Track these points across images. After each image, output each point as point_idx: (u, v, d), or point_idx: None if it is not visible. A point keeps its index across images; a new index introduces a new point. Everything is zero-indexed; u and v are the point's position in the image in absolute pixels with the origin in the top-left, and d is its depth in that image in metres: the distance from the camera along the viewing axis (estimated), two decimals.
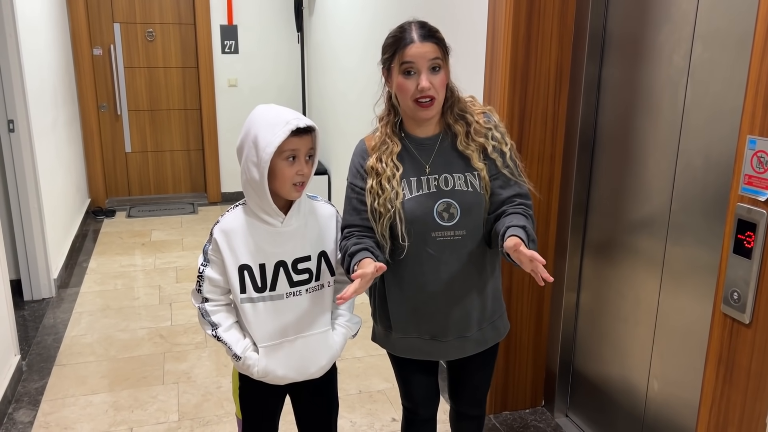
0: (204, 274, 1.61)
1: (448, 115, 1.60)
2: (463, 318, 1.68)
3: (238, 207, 1.63)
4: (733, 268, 1.41)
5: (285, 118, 1.49)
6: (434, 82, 1.51)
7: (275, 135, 1.47)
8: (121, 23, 5.67)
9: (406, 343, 1.74)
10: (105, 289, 4.02)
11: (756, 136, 1.34)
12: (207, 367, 3.04)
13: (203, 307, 1.63)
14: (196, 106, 6.02)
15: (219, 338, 1.62)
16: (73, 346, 3.25)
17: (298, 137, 1.50)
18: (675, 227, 1.98)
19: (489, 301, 1.71)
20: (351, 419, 2.65)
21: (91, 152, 5.69)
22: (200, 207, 5.95)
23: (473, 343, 1.72)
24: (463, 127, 1.60)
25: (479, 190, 1.60)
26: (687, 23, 1.86)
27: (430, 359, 1.77)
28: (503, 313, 1.80)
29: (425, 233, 1.60)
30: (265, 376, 1.64)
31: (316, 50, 5.59)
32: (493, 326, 1.75)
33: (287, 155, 1.50)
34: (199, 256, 1.64)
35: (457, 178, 1.60)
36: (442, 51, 1.53)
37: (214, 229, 1.60)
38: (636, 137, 2.11)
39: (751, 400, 1.40)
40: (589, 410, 2.51)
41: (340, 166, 5.07)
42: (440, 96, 1.55)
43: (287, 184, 1.53)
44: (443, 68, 1.54)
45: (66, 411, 2.68)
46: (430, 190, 1.60)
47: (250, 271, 1.59)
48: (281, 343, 1.63)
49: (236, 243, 1.58)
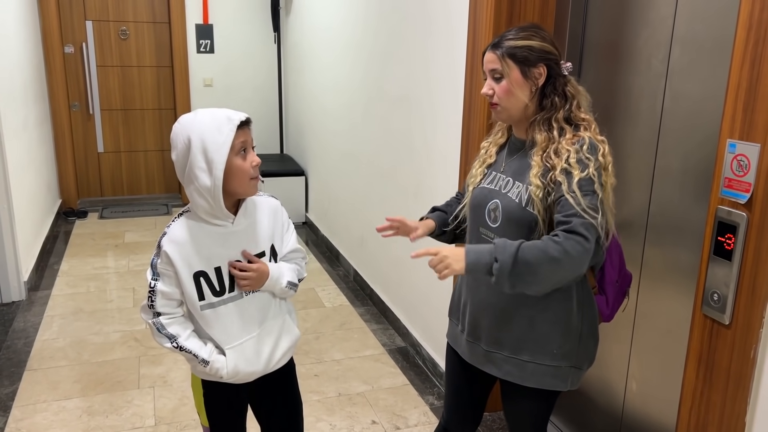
0: (156, 288, 1.56)
1: (536, 123, 1.55)
2: (476, 324, 1.67)
3: (182, 216, 1.59)
4: (714, 270, 1.43)
5: (224, 116, 1.49)
6: (496, 89, 1.56)
7: (224, 134, 1.46)
8: (93, 21, 5.57)
9: (450, 325, 1.82)
10: (77, 291, 3.94)
11: (736, 140, 1.36)
12: (183, 370, 3.00)
13: (157, 321, 1.58)
14: (170, 105, 5.95)
15: (181, 348, 1.58)
16: (44, 350, 3.18)
17: (241, 129, 1.51)
18: (653, 229, 2.00)
19: (514, 326, 1.58)
20: (330, 422, 2.63)
21: (62, 152, 5.58)
22: (174, 208, 5.87)
23: (481, 357, 1.66)
24: (543, 139, 1.52)
25: (524, 204, 1.51)
26: (665, 27, 1.89)
27: (453, 347, 1.79)
28: (542, 360, 1.57)
29: (476, 225, 1.66)
30: (235, 376, 1.63)
31: (293, 50, 5.55)
32: (516, 363, 1.60)
33: (238, 149, 1.50)
34: (147, 272, 1.58)
35: (515, 186, 1.56)
36: (504, 62, 1.52)
37: (163, 241, 1.55)
38: (615, 140, 2.13)
39: (730, 401, 1.42)
40: (567, 411, 2.53)
41: (317, 166, 5.04)
42: (506, 103, 1.55)
43: (245, 179, 1.52)
44: (506, 77, 1.53)
45: (38, 417, 2.62)
46: (494, 186, 1.62)
47: (206, 277, 1.57)
48: (247, 341, 1.63)
49: (188, 251, 1.55)
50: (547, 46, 1.53)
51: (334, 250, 4.66)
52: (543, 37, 1.54)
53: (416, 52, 2.98)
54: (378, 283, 3.79)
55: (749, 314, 1.36)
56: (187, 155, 1.48)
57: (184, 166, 1.50)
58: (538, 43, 1.52)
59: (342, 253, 4.49)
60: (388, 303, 3.60)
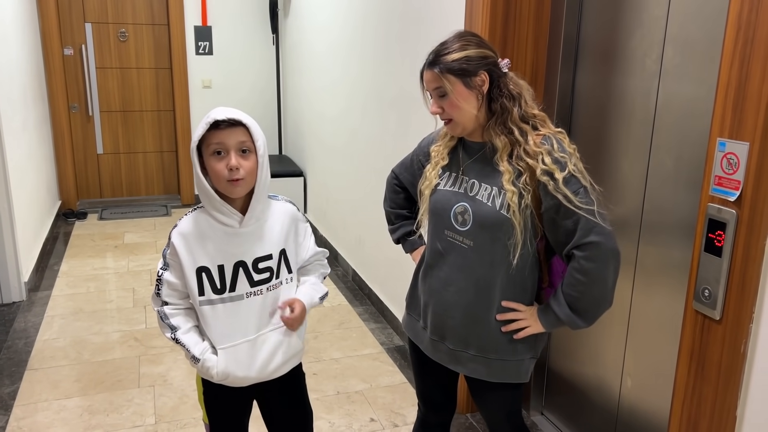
0: (163, 277, 1.61)
1: (491, 128, 1.55)
2: (440, 323, 1.67)
3: (195, 210, 1.63)
4: (704, 266, 1.45)
5: (212, 113, 1.51)
6: (444, 106, 1.55)
7: (198, 131, 1.51)
8: (92, 23, 5.60)
9: (407, 318, 1.83)
10: (77, 292, 3.96)
11: (725, 139, 1.39)
12: (183, 369, 3.02)
13: (162, 310, 1.63)
14: (169, 107, 5.97)
15: (177, 341, 1.61)
16: (45, 350, 3.20)
17: (223, 131, 1.50)
18: (647, 227, 2.03)
19: (481, 327, 1.62)
20: (329, 420, 2.66)
21: (61, 153, 5.60)
22: (173, 209, 5.89)
23: (445, 355, 1.69)
24: (504, 144, 1.53)
25: (500, 209, 1.52)
26: (658, 28, 1.92)
27: (415, 342, 1.80)
28: (507, 356, 1.63)
29: (440, 228, 1.65)
30: (225, 379, 1.63)
31: (292, 51, 5.58)
32: (483, 360, 1.64)
33: (213, 149, 1.51)
34: (159, 261, 1.65)
35: (484, 189, 1.56)
36: (444, 78, 1.51)
37: (172, 233, 1.61)
38: (609, 140, 2.16)
39: (722, 394, 1.45)
40: (564, 408, 2.55)
41: (316, 168, 5.07)
42: (457, 117, 1.55)
43: (221, 180, 1.53)
44: (450, 93, 1.52)
45: (39, 416, 2.64)
46: (458, 189, 1.62)
47: (208, 273, 1.59)
48: (241, 344, 1.62)
49: (194, 245, 1.58)
50: (483, 51, 1.52)
51: (332, 250, 4.69)
52: (477, 43, 1.53)
53: (414, 53, 3.01)
54: (376, 283, 3.82)
55: (739, 310, 1.39)
56: None
57: None
58: (474, 51, 1.51)
59: (341, 253, 4.51)
60: (386, 302, 3.63)
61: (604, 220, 1.48)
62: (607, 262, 1.47)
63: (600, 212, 1.48)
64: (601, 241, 1.46)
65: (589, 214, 1.46)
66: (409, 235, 1.94)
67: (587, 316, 1.52)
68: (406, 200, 1.94)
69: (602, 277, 1.48)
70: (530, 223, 1.53)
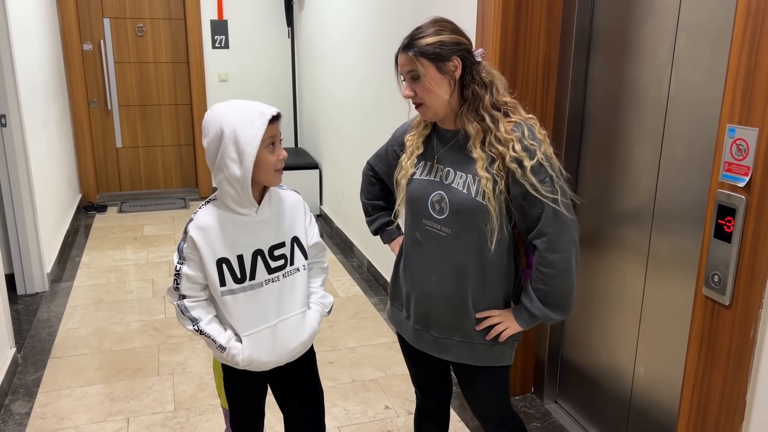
0: (181, 272, 1.63)
1: (463, 115, 1.57)
2: (423, 312, 1.70)
3: (209, 203, 1.65)
4: (714, 252, 1.46)
5: (257, 109, 1.54)
6: (417, 90, 1.57)
7: (256, 128, 1.51)
8: (110, 18, 5.67)
9: (391, 309, 1.86)
10: (98, 283, 4.04)
11: (735, 125, 1.39)
12: (202, 358, 3.08)
13: (182, 303, 1.65)
14: (186, 101, 6.04)
15: (201, 332, 1.64)
16: (67, 339, 3.27)
17: (273, 124, 1.57)
18: (659, 217, 2.03)
19: (465, 314, 1.64)
20: (345, 407, 2.70)
21: (81, 148, 5.69)
22: (191, 202, 5.97)
23: (430, 344, 1.72)
24: (477, 131, 1.55)
25: (476, 196, 1.54)
26: (671, 16, 1.92)
27: (400, 332, 1.83)
28: (492, 340, 1.66)
29: (418, 217, 1.66)
30: (250, 364, 1.67)
31: (307, 44, 5.61)
32: (468, 346, 1.67)
33: (268, 143, 1.56)
34: (174, 255, 1.66)
35: (459, 176, 1.58)
36: (418, 61, 1.53)
37: (189, 226, 1.62)
38: (622, 129, 2.16)
39: (731, 379, 1.46)
40: (577, 396, 2.57)
41: (332, 160, 5.10)
42: (429, 101, 1.56)
43: (270, 171, 1.59)
44: (423, 77, 1.54)
45: (62, 402, 2.71)
46: (433, 178, 1.63)
47: (228, 264, 1.62)
48: (263, 330, 1.67)
49: (213, 238, 1.61)
50: (457, 38, 1.54)
51: (348, 241, 4.72)
52: (452, 29, 1.55)
53: None
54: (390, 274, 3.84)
55: (748, 295, 1.40)
56: (218, 145, 1.54)
57: (215, 155, 1.56)
58: (448, 36, 1.53)
59: (356, 244, 4.55)
60: None
61: (568, 209, 1.53)
62: (568, 250, 1.53)
63: (564, 201, 1.52)
64: (562, 230, 1.52)
65: (554, 203, 1.51)
66: (387, 226, 1.96)
67: (558, 308, 1.58)
68: (382, 191, 1.95)
69: (566, 267, 1.54)
70: (505, 208, 1.57)
